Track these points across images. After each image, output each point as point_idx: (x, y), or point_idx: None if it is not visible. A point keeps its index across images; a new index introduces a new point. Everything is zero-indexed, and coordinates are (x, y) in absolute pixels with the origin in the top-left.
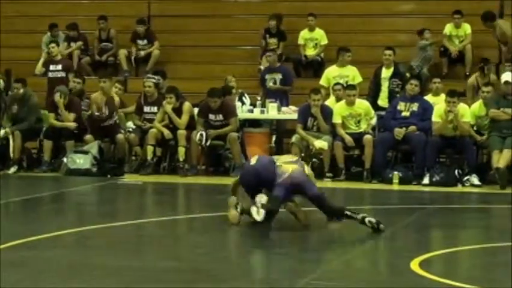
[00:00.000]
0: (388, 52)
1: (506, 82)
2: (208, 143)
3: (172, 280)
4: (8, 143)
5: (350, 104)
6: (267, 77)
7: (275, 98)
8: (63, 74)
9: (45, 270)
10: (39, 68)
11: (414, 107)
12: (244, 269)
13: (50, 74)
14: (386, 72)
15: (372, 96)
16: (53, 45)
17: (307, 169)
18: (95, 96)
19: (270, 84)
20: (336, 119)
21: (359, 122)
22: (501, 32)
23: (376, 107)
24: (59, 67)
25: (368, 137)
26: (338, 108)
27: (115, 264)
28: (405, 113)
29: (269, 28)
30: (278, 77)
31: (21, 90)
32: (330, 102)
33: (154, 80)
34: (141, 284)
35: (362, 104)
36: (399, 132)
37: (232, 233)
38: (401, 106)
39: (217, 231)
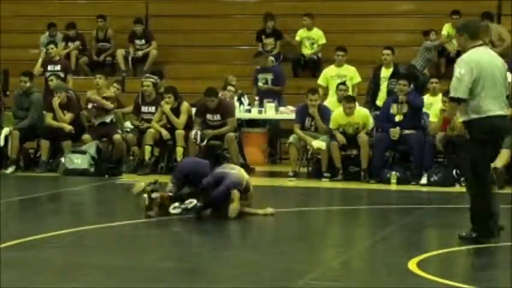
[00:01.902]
0: (386, 52)
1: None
2: (204, 142)
3: (170, 280)
4: (6, 143)
5: (348, 114)
6: (259, 76)
7: (267, 98)
8: (61, 75)
9: (42, 270)
10: (37, 68)
11: (405, 108)
12: (242, 269)
13: (48, 75)
14: (385, 72)
15: (371, 95)
16: (51, 46)
17: None
18: (91, 93)
19: (261, 83)
20: (333, 125)
21: (357, 129)
22: (497, 32)
23: (375, 107)
24: (58, 67)
25: (363, 137)
26: (336, 116)
27: (112, 264)
28: (399, 117)
29: (265, 29)
30: (270, 77)
31: (28, 84)
32: (331, 102)
33: (152, 80)
34: (139, 284)
35: (361, 113)
36: (394, 132)
37: (230, 233)
38: (393, 109)
39: (215, 231)
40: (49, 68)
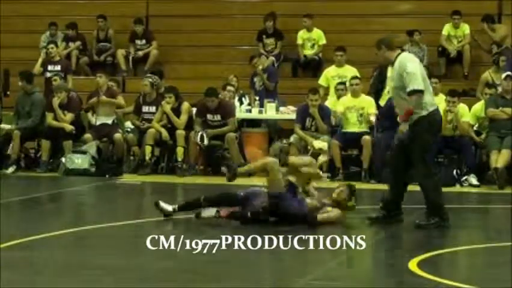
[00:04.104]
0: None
1: (507, 77)
2: (206, 143)
3: (170, 280)
4: (6, 142)
5: (355, 95)
6: (256, 79)
7: (266, 98)
8: (61, 75)
9: (42, 270)
10: (37, 67)
11: None
12: (242, 269)
13: (49, 74)
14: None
15: (375, 94)
16: (51, 45)
17: None
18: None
19: (258, 85)
20: (339, 108)
21: (361, 116)
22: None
23: (377, 107)
24: (58, 67)
25: (366, 137)
26: (342, 100)
27: (113, 264)
28: None
29: (265, 29)
30: (264, 77)
31: (20, 83)
32: (331, 102)
33: (150, 79)
34: (139, 284)
35: (366, 98)
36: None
37: (230, 233)
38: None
39: (215, 231)
40: (49, 67)
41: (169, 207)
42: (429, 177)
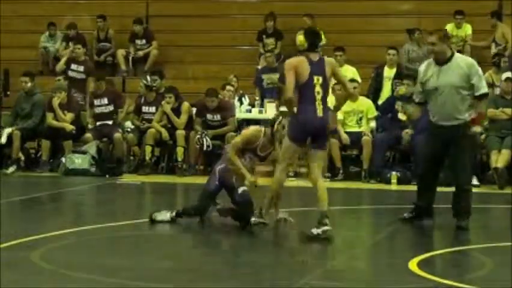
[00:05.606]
0: (392, 52)
1: (507, 79)
2: (209, 145)
3: (171, 280)
4: (8, 142)
5: (353, 98)
6: (264, 76)
7: (272, 97)
8: (83, 76)
9: (42, 270)
10: (61, 65)
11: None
12: (242, 269)
13: (71, 73)
14: (388, 72)
15: (373, 93)
16: (78, 46)
17: None
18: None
19: (265, 83)
20: (338, 116)
21: (360, 119)
22: (501, 31)
23: (376, 107)
24: (81, 69)
25: (366, 138)
26: None
27: (113, 264)
28: (403, 116)
29: (265, 28)
30: (276, 77)
31: (29, 84)
32: (331, 102)
33: (145, 81)
34: (139, 284)
35: (365, 101)
36: (406, 137)
37: (230, 233)
38: (398, 106)
39: (216, 230)
40: (72, 67)
41: (166, 216)
42: (470, 180)
